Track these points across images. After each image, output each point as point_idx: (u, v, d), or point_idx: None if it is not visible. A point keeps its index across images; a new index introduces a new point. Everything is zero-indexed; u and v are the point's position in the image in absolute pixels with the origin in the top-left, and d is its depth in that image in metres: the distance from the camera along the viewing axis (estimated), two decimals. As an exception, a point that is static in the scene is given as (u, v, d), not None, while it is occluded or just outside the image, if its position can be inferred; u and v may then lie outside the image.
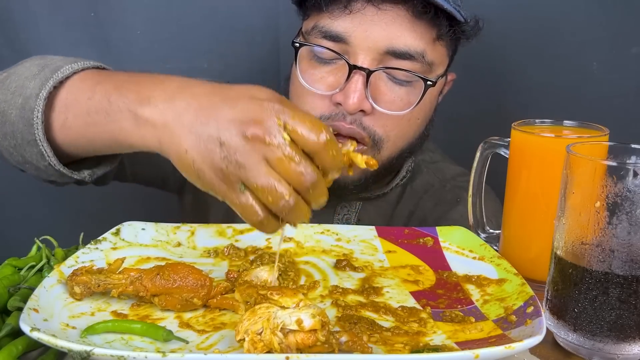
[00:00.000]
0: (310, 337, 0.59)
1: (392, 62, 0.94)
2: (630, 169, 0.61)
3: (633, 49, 1.45)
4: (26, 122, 0.81)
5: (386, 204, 1.12)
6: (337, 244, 0.89)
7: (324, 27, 0.96)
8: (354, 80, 0.93)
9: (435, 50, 0.97)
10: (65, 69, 0.82)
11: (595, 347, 0.65)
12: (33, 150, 0.82)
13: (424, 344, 0.64)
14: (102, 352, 0.56)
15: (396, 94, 0.96)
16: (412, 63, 0.95)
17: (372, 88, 0.95)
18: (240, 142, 0.63)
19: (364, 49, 0.93)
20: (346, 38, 0.94)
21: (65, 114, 0.81)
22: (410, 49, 0.94)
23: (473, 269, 0.81)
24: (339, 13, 0.94)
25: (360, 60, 0.93)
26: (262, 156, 0.63)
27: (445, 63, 1.01)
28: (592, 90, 1.47)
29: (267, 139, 0.63)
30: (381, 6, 0.93)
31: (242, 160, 0.63)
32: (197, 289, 0.70)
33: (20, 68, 0.87)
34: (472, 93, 1.48)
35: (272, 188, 0.63)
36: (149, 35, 1.59)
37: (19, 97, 0.82)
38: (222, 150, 0.64)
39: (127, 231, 0.86)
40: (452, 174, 1.16)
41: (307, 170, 0.64)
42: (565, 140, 0.78)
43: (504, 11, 1.46)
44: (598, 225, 0.63)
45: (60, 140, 0.82)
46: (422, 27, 0.94)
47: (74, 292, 0.69)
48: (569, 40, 1.46)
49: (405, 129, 1.00)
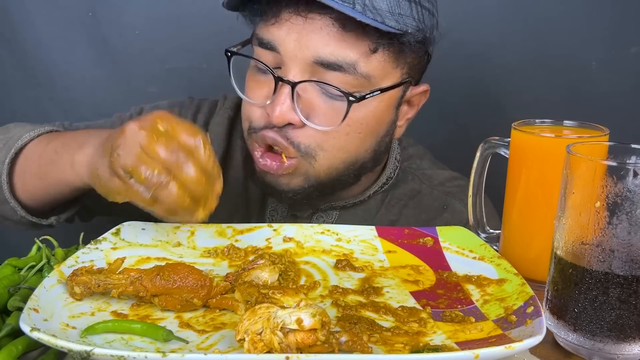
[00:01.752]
0: (310, 337, 0.59)
1: (323, 74, 0.92)
2: (630, 169, 0.61)
3: (633, 48, 1.45)
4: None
5: (365, 212, 1.10)
6: (337, 244, 0.89)
7: (259, 34, 0.95)
8: (280, 93, 0.92)
9: (372, 63, 0.92)
10: (23, 138, 0.99)
11: (595, 347, 0.65)
12: (6, 207, 0.99)
13: (424, 344, 0.64)
14: (102, 352, 0.56)
15: (329, 108, 0.93)
16: (344, 75, 0.91)
17: (303, 101, 0.93)
18: (121, 137, 0.73)
19: (292, 59, 0.91)
20: (277, 47, 0.92)
21: (23, 176, 0.98)
22: (339, 59, 0.90)
23: (473, 269, 0.81)
24: (268, 23, 0.93)
25: (291, 71, 0.92)
26: (137, 143, 0.72)
27: (394, 76, 0.96)
28: (592, 90, 1.47)
29: (142, 127, 0.73)
30: (308, 16, 0.90)
31: (120, 150, 0.73)
32: (197, 289, 0.70)
33: None
34: (472, 93, 1.49)
35: (142, 164, 0.72)
36: (148, 35, 1.59)
37: None
38: (111, 148, 0.74)
39: (127, 231, 0.86)
40: (441, 180, 1.13)
41: (173, 147, 0.72)
42: (565, 140, 0.78)
43: (503, 11, 1.46)
44: (598, 225, 0.63)
45: (24, 198, 0.99)
46: (352, 38, 0.90)
47: (74, 292, 0.70)
48: (568, 40, 1.46)
49: (342, 143, 0.97)
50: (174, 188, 0.72)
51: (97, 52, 1.51)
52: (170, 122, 0.74)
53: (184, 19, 1.57)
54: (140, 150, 0.72)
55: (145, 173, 0.71)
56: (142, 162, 0.72)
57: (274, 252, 0.86)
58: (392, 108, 1.00)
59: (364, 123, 0.96)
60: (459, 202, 1.09)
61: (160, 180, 0.72)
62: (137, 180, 0.72)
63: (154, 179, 0.71)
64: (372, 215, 1.10)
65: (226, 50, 0.98)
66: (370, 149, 1.01)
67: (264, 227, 0.91)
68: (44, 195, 0.98)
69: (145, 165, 0.71)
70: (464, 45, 1.43)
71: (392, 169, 1.11)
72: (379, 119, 0.99)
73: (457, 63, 1.50)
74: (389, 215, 1.10)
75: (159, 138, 0.73)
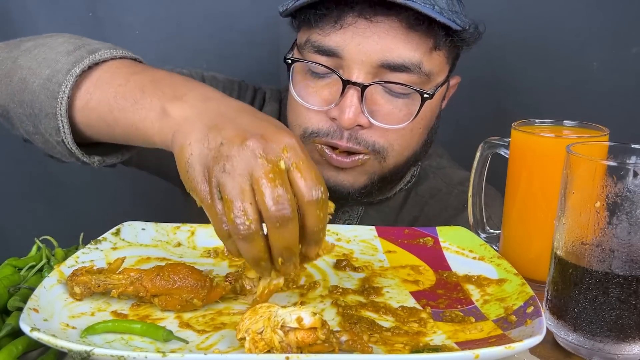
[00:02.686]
0: (311, 335, 0.59)
1: (388, 75, 0.93)
2: (630, 169, 0.61)
3: (633, 48, 1.45)
4: (50, 94, 0.79)
5: (389, 209, 1.11)
6: (337, 244, 0.89)
7: (316, 42, 0.94)
8: (349, 95, 0.92)
9: (433, 60, 0.95)
10: (103, 52, 0.81)
11: (595, 347, 0.65)
12: (50, 123, 0.80)
13: (424, 344, 0.64)
14: (102, 352, 0.56)
15: (394, 107, 0.95)
16: (409, 75, 0.93)
17: (369, 102, 0.93)
18: (237, 149, 0.61)
19: (357, 63, 0.92)
20: (339, 52, 0.92)
21: (92, 94, 0.79)
22: (406, 61, 0.92)
23: (473, 269, 0.81)
24: (330, 28, 0.92)
25: (354, 75, 0.92)
26: (249, 170, 0.60)
27: (445, 71, 1.00)
28: (593, 90, 1.47)
29: (263, 154, 0.61)
30: (373, 19, 0.90)
31: (229, 165, 0.61)
32: (197, 289, 0.70)
33: (51, 41, 0.85)
34: (472, 93, 1.48)
35: (237, 202, 0.60)
36: (148, 35, 1.59)
37: (47, 68, 0.81)
38: (220, 150, 0.62)
39: (127, 231, 0.86)
40: (460, 179, 1.14)
41: (282, 200, 0.59)
42: (565, 140, 0.78)
43: (504, 11, 1.46)
44: (598, 225, 0.63)
45: (79, 119, 0.81)
46: (417, 38, 0.92)
47: (74, 292, 0.69)
48: (569, 40, 1.46)
49: (408, 140, 0.99)
50: (257, 245, 0.61)
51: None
52: (298, 158, 0.62)
53: (184, 19, 1.57)
54: (247, 184, 0.60)
55: (236, 213, 0.60)
56: (242, 200, 0.60)
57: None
58: (441, 100, 1.04)
59: (425, 118, 0.99)
60: None
61: (246, 232, 0.60)
62: (226, 213, 0.61)
63: (240, 228, 0.60)
64: (396, 212, 1.11)
65: (285, 58, 0.97)
66: (424, 140, 1.04)
67: (264, 227, 0.91)
68: (103, 129, 0.80)
69: (242, 206, 0.60)
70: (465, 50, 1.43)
71: (414, 168, 1.13)
72: (434, 112, 1.02)
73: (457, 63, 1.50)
74: (412, 212, 1.12)
75: (275, 179, 0.60)
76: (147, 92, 0.74)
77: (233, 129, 0.63)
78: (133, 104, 0.75)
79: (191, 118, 0.67)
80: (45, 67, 0.81)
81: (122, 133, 0.78)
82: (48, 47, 0.83)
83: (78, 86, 0.80)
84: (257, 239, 0.61)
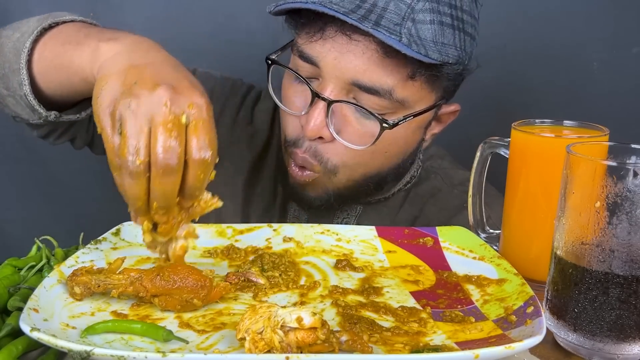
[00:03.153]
0: (311, 335, 0.59)
1: (360, 94, 0.92)
2: (630, 169, 0.61)
3: (634, 49, 1.45)
4: (16, 52, 0.90)
5: (388, 209, 1.11)
6: (337, 244, 0.89)
7: (300, 47, 0.94)
8: (316, 107, 0.92)
9: (408, 88, 0.92)
10: (66, 16, 0.92)
11: (595, 347, 0.65)
12: (15, 78, 0.90)
13: (424, 344, 0.64)
14: (102, 352, 0.56)
15: (361, 126, 0.94)
16: (379, 99, 0.91)
17: (338, 116, 0.93)
18: (147, 92, 0.65)
19: (332, 77, 0.91)
20: (317, 63, 0.92)
21: (46, 44, 0.89)
22: (376, 85, 0.90)
23: (473, 269, 0.81)
24: (312, 37, 0.92)
25: (329, 87, 0.92)
26: (152, 114, 0.64)
27: (428, 99, 0.96)
28: (593, 90, 1.48)
29: (169, 104, 0.64)
30: (352, 36, 0.89)
31: (134, 104, 0.64)
32: (197, 289, 0.70)
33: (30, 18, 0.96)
34: (472, 93, 1.48)
35: (133, 140, 0.64)
36: (148, 35, 1.58)
37: (18, 32, 0.92)
38: (131, 88, 0.66)
39: (127, 231, 0.86)
40: (461, 179, 1.14)
41: (171, 151, 0.64)
42: (565, 140, 0.78)
43: (504, 11, 1.46)
44: (598, 225, 0.63)
45: (36, 69, 0.89)
46: (392, 65, 0.90)
47: (74, 292, 0.69)
48: (569, 40, 1.46)
49: (368, 159, 0.98)
50: (140, 184, 0.65)
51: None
52: (200, 117, 0.66)
53: (184, 19, 1.57)
54: (146, 127, 0.64)
55: (130, 149, 0.64)
56: (137, 140, 0.64)
57: (274, 252, 0.86)
58: (422, 129, 1.02)
59: (393, 144, 0.97)
60: None
61: (134, 170, 0.64)
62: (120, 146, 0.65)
63: (129, 164, 0.64)
64: (394, 212, 1.11)
65: (267, 58, 0.97)
66: (394, 165, 1.02)
67: (264, 227, 0.91)
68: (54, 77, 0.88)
69: (136, 145, 0.64)
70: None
71: (415, 169, 1.13)
72: (408, 139, 1.00)
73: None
74: (412, 211, 1.11)
75: (172, 130, 0.64)
76: (90, 37, 0.82)
77: (150, 73, 0.68)
78: (75, 45, 0.83)
79: (118, 55, 0.74)
80: (17, 32, 0.93)
81: (66, 76, 0.85)
82: (25, 20, 0.96)
83: (37, 41, 0.90)
84: (142, 179, 0.65)
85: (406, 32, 0.87)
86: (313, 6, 0.87)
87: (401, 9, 0.88)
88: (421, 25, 0.88)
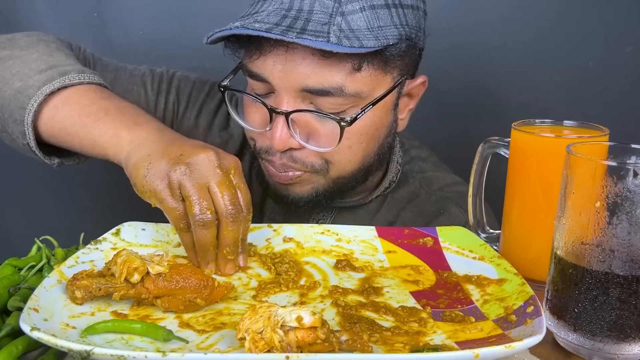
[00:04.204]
0: (310, 335, 0.59)
1: (314, 98, 0.91)
2: (630, 169, 0.61)
3: (628, 48, 1.45)
4: (19, 104, 0.92)
5: (364, 212, 1.11)
6: (337, 244, 0.89)
7: (247, 67, 0.94)
8: (277, 122, 0.92)
9: (358, 80, 0.90)
10: (72, 77, 0.94)
11: (595, 347, 0.65)
12: (17, 128, 0.94)
13: (424, 344, 0.64)
14: (102, 352, 0.56)
15: (325, 129, 0.93)
16: (334, 98, 0.90)
17: (301, 124, 0.93)
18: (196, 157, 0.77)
19: (283, 89, 0.91)
20: (266, 79, 0.92)
21: (58, 109, 0.92)
22: (325, 86, 0.89)
23: (473, 269, 0.81)
24: (253, 56, 0.92)
25: (284, 100, 0.91)
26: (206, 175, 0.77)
27: (385, 84, 0.94)
28: (589, 89, 1.48)
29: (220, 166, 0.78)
30: (290, 45, 0.88)
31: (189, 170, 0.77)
32: (199, 289, 0.70)
33: (26, 55, 0.97)
34: (472, 93, 1.49)
35: (198, 197, 0.76)
36: (152, 35, 1.59)
37: (19, 81, 0.94)
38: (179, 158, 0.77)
39: (127, 231, 0.86)
40: (441, 185, 1.13)
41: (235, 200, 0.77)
42: (565, 140, 0.78)
43: (503, 12, 1.47)
44: (598, 225, 0.63)
45: (43, 128, 0.94)
46: (333, 63, 0.88)
47: (74, 296, 0.69)
48: (564, 39, 1.47)
49: (348, 155, 0.97)
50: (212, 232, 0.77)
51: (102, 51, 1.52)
52: (240, 179, 0.80)
53: (188, 19, 1.58)
54: (206, 187, 0.77)
55: (198, 207, 0.76)
56: (203, 198, 0.76)
57: (274, 252, 0.86)
58: (390, 111, 1.00)
59: (364, 134, 0.96)
60: (455, 206, 1.08)
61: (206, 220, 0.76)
62: (187, 206, 0.76)
63: (200, 217, 0.76)
64: (371, 216, 1.10)
65: (219, 86, 0.97)
66: (374, 151, 1.01)
67: (264, 227, 0.91)
68: (64, 138, 0.94)
69: (204, 202, 0.76)
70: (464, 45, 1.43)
71: (394, 173, 1.11)
72: (378, 125, 0.99)
73: (457, 63, 1.50)
74: (388, 216, 1.10)
75: (229, 188, 0.78)
76: (110, 114, 0.90)
77: (188, 145, 0.80)
78: (95, 121, 0.90)
79: (148, 140, 0.84)
80: (17, 80, 0.94)
81: (79, 144, 0.93)
82: (22, 61, 0.96)
83: (46, 102, 0.93)
84: (213, 227, 0.77)
85: (335, 29, 0.86)
86: (237, 31, 0.87)
87: (327, 6, 0.87)
88: (352, 16, 0.87)
